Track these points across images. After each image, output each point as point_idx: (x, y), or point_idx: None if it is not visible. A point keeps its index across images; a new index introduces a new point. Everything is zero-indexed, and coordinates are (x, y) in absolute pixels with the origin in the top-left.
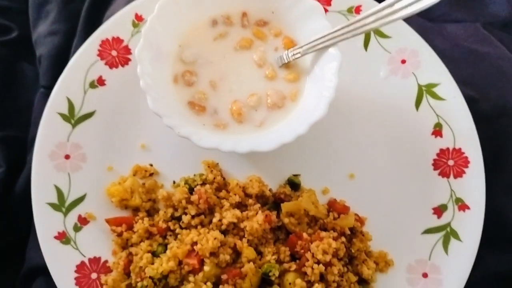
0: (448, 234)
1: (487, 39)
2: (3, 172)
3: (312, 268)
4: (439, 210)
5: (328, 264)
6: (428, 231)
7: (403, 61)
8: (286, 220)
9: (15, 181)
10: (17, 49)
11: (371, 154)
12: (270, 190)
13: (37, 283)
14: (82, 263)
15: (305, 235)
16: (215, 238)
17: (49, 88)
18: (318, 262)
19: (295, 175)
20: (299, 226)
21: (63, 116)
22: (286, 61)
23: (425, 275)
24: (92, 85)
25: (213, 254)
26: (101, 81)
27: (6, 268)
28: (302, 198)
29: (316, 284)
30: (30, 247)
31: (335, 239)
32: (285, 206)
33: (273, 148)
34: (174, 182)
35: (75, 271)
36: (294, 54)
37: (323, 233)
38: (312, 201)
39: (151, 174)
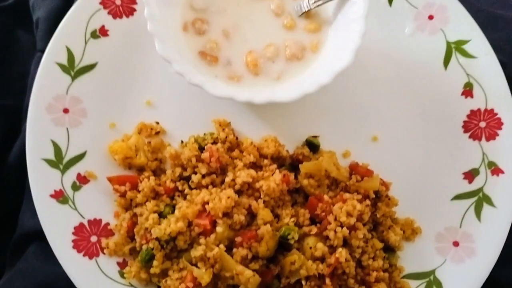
0: (481, 200)
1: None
2: None
3: (335, 232)
4: (470, 175)
5: (352, 228)
6: (459, 197)
7: (431, 17)
8: (305, 182)
9: (9, 150)
10: (12, 16)
11: (395, 115)
12: (287, 151)
13: (30, 249)
14: (81, 225)
15: (326, 197)
16: (228, 197)
17: None
18: (342, 226)
19: (314, 137)
20: (319, 188)
21: (62, 66)
22: (306, 9)
23: (456, 244)
24: (94, 35)
25: (226, 214)
26: (103, 31)
27: None
28: (323, 157)
29: (340, 249)
30: (23, 211)
31: (359, 201)
32: (304, 167)
33: (294, 98)
34: (182, 142)
35: (73, 233)
36: (315, 1)
37: (347, 195)
38: (333, 162)
39: (157, 133)
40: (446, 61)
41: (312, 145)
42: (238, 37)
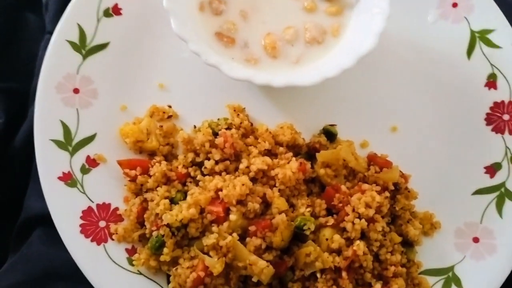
0: (503, 195)
1: None
2: (2, 124)
3: (353, 223)
4: (492, 169)
5: (370, 220)
6: (480, 191)
7: (455, 4)
8: (321, 172)
9: (15, 134)
10: None
11: (416, 105)
12: (303, 139)
13: (35, 234)
14: (89, 209)
15: (343, 187)
16: (243, 184)
17: None
18: (360, 217)
19: (331, 125)
20: (336, 179)
21: (73, 44)
22: None
23: (476, 240)
24: (107, 14)
25: (240, 202)
26: (116, 10)
27: (1, 225)
28: (341, 147)
29: (357, 242)
30: (29, 195)
31: (378, 193)
32: (321, 155)
33: (315, 82)
34: (195, 127)
35: (81, 217)
36: None
37: (365, 185)
38: (352, 151)
39: (169, 117)
40: (470, 51)
41: (330, 134)
42: (256, 18)
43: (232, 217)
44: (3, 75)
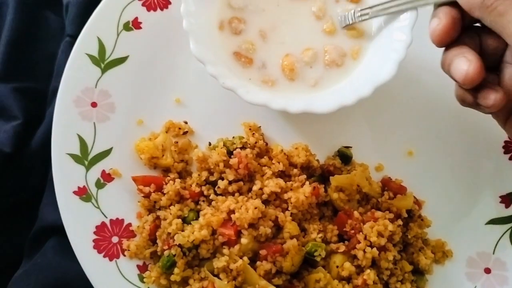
0: None
1: None
2: (19, 125)
3: (364, 252)
4: (507, 199)
5: (382, 249)
6: (494, 221)
7: None
8: (335, 196)
9: (32, 135)
10: None
11: (433, 130)
12: (317, 161)
13: (49, 243)
14: (103, 224)
15: (356, 213)
16: (255, 208)
17: (75, 37)
18: (371, 246)
19: (347, 147)
20: (349, 203)
21: (92, 58)
22: (350, 22)
23: (487, 271)
24: (127, 27)
25: (252, 225)
26: (136, 24)
27: (16, 227)
28: (356, 171)
29: (368, 270)
30: (44, 204)
31: (391, 221)
32: (335, 180)
33: (332, 110)
34: (210, 144)
35: (94, 233)
36: (361, 15)
37: (378, 213)
38: (366, 176)
39: (185, 133)
40: None
41: (345, 157)
42: (275, 39)
43: (244, 240)
44: (21, 74)
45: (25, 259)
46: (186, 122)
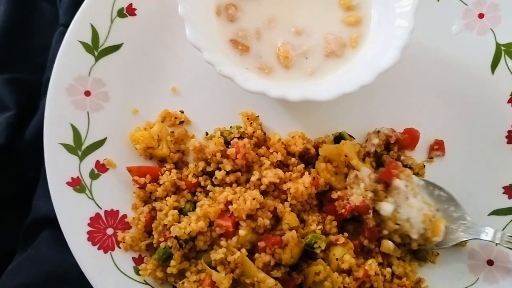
0: None
1: None
2: (12, 116)
3: None
4: (510, 190)
5: None
6: (497, 212)
7: (481, 15)
8: (322, 166)
9: (25, 127)
10: None
11: (435, 119)
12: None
13: (43, 236)
14: (97, 215)
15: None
16: (253, 199)
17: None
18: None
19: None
20: (336, 176)
21: (85, 45)
22: None
23: (490, 262)
24: (121, 14)
25: (250, 217)
26: (131, 10)
27: (10, 218)
28: (345, 142)
29: (369, 261)
30: (37, 195)
31: None
32: (323, 149)
33: (333, 97)
34: (206, 134)
35: (88, 224)
36: None
37: None
38: (356, 151)
39: (181, 122)
40: (494, 65)
41: (339, 138)
42: (271, 27)
43: (242, 232)
44: (15, 65)
45: (19, 252)
46: (182, 112)
